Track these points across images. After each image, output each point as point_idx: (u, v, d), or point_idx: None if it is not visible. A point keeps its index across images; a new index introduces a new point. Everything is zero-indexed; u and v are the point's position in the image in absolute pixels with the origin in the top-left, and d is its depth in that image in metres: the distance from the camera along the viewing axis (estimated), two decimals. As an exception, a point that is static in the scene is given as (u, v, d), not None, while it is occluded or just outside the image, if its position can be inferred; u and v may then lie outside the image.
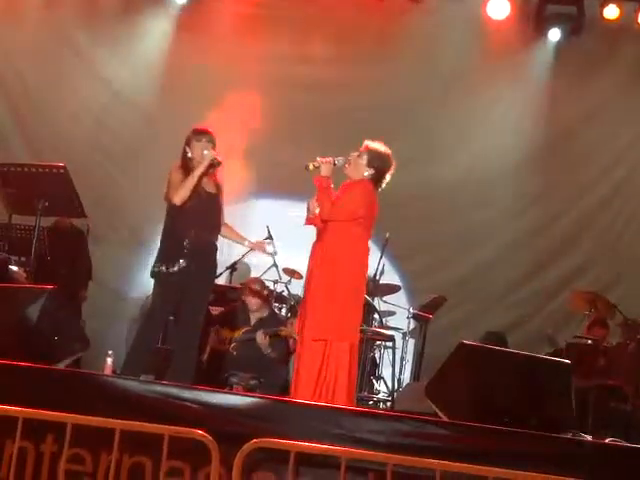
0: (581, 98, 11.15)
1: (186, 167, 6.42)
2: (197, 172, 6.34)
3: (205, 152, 6.38)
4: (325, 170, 6.14)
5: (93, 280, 9.71)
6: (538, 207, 11.26)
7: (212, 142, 6.47)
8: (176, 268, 6.27)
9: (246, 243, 6.90)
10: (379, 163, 6.17)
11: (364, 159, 6.17)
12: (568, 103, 11.18)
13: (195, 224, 6.34)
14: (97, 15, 11.13)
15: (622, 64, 10.98)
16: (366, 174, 6.15)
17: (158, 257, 6.42)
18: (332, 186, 6.19)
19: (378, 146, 6.22)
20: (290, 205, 10.10)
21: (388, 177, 6.22)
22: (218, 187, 6.58)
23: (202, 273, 6.45)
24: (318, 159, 6.16)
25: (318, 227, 6.19)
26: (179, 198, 6.30)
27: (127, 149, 11.00)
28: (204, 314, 6.78)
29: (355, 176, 6.19)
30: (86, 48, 11.13)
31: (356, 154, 6.20)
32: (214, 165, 6.44)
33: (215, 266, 6.71)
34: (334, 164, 6.17)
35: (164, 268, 6.32)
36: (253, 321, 8.23)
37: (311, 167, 6.19)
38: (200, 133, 6.51)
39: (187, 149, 6.47)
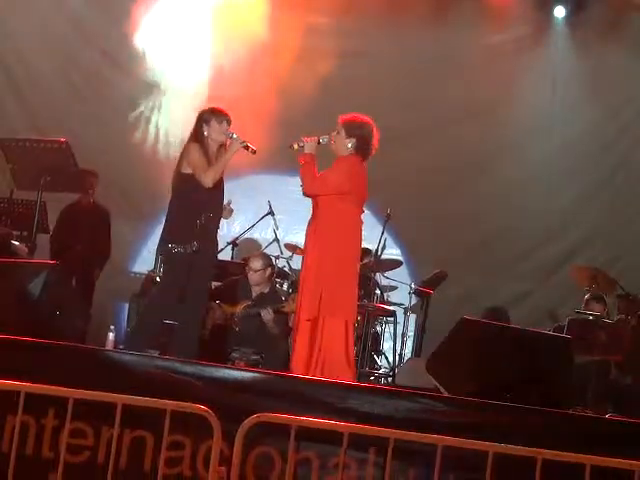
0: (587, 69, 11.17)
1: (203, 144, 6.38)
2: (228, 156, 6.33)
3: (234, 136, 6.35)
4: (309, 148, 6.17)
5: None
6: (541, 181, 11.24)
7: (229, 125, 6.43)
8: (190, 250, 6.26)
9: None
10: (358, 132, 6.15)
11: (342, 133, 6.17)
12: (576, 76, 11.20)
13: (206, 207, 6.35)
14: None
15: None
16: (350, 146, 6.15)
17: (172, 237, 6.38)
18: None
19: (352, 116, 6.22)
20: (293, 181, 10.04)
21: (374, 143, 6.19)
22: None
23: (208, 253, 6.47)
24: (303, 139, 6.20)
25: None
26: (210, 180, 6.27)
27: (129, 123, 10.93)
28: (208, 292, 6.80)
29: (341, 152, 6.19)
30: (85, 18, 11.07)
31: (334, 132, 6.21)
32: (247, 150, 6.37)
33: (217, 246, 6.76)
34: (319, 142, 6.20)
35: (181, 249, 6.29)
36: (254, 295, 8.22)
37: (296, 147, 6.24)
38: (221, 114, 6.44)
39: (204, 127, 6.41)
